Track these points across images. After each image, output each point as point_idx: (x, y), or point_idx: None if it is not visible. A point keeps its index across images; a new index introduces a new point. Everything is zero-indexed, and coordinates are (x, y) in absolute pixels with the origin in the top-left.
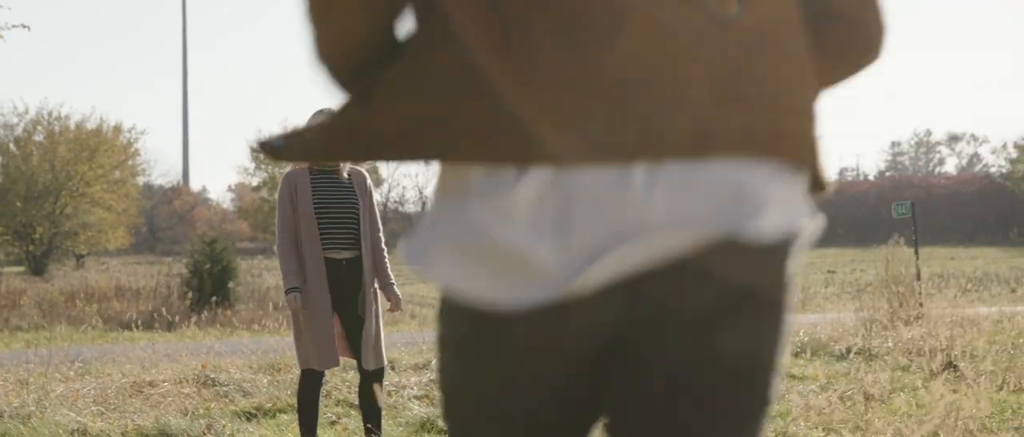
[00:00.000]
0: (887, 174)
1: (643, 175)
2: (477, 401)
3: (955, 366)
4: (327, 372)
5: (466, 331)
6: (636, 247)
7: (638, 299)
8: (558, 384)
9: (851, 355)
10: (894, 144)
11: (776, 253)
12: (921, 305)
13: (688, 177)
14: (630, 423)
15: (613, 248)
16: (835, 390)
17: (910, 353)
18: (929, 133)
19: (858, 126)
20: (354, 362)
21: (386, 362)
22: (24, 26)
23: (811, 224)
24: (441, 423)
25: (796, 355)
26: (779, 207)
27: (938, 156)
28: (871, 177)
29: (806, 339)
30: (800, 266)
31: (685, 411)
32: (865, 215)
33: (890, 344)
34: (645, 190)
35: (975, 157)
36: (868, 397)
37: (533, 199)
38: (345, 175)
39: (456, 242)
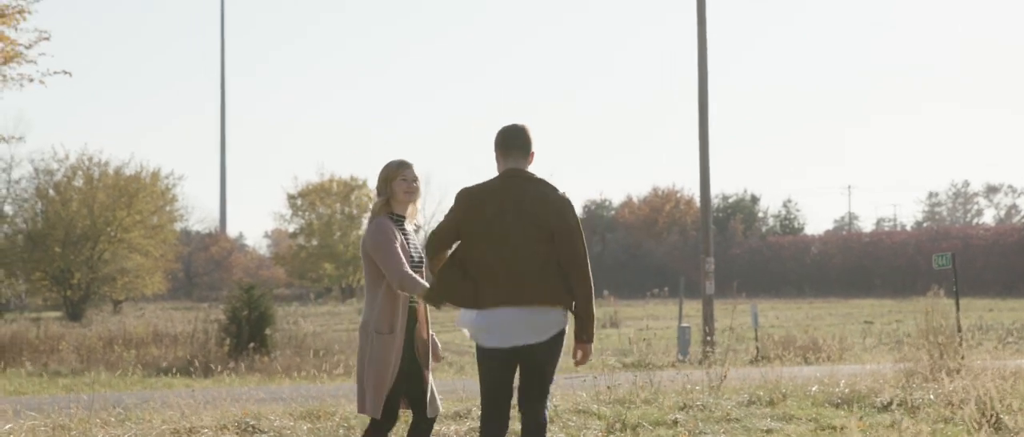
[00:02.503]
0: (924, 225)
1: (512, 310)
2: (485, 370)
3: (999, 419)
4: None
5: (483, 353)
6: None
7: (516, 350)
8: (503, 365)
9: (892, 407)
10: (931, 195)
11: (554, 337)
12: (962, 357)
13: (516, 311)
14: (521, 374)
15: (507, 340)
16: None
17: (952, 406)
18: (967, 184)
19: (896, 177)
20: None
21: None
22: (66, 72)
23: (563, 323)
24: None
25: (837, 406)
26: (547, 324)
27: (976, 207)
28: (908, 228)
29: (846, 390)
30: (566, 337)
31: (533, 375)
32: (902, 266)
33: (931, 396)
34: (507, 318)
35: (1014, 208)
36: None
37: (490, 316)
38: (413, 227)
39: (480, 325)
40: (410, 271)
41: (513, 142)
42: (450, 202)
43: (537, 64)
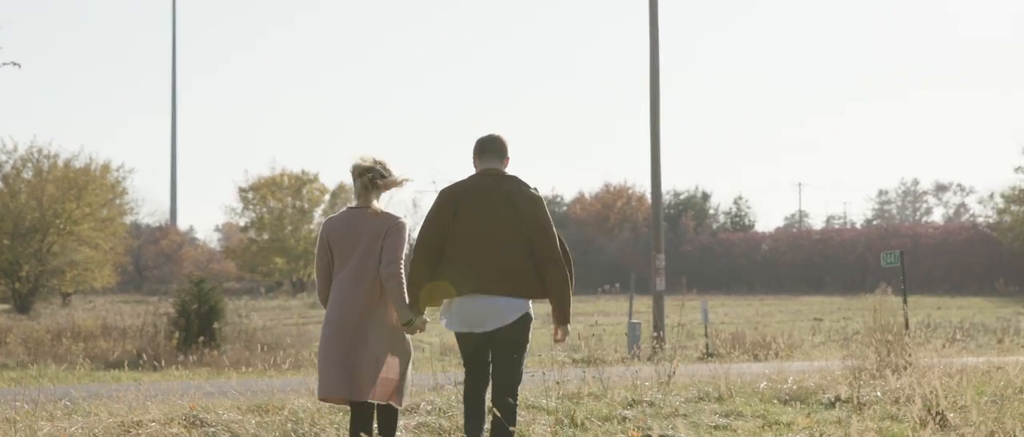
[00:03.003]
0: (874, 223)
1: (486, 298)
2: (463, 346)
3: (944, 417)
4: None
5: (463, 338)
6: (487, 326)
7: (487, 333)
8: (484, 346)
9: (839, 404)
10: (881, 193)
11: (518, 321)
12: (909, 354)
13: (490, 300)
14: (492, 358)
15: (481, 325)
16: None
17: (898, 403)
18: (916, 182)
19: (845, 174)
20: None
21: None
22: (15, 63)
23: (526, 309)
24: None
25: (785, 403)
26: (515, 309)
27: (925, 205)
28: (858, 225)
29: (794, 387)
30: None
31: (503, 354)
32: (852, 263)
33: (878, 393)
34: (481, 306)
35: (962, 207)
36: None
37: (464, 303)
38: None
39: (452, 313)
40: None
41: (490, 146)
42: (399, 198)
43: (490, 61)
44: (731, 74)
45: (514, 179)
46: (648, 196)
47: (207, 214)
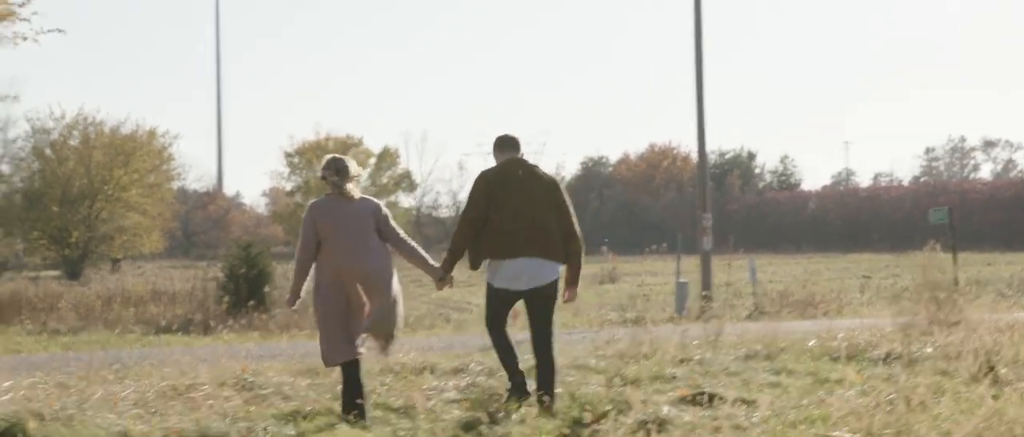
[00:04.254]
0: (922, 180)
1: (532, 260)
2: (494, 306)
3: (996, 371)
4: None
5: (495, 292)
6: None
7: (533, 290)
8: (513, 300)
9: (890, 361)
10: (928, 150)
11: (554, 281)
12: (960, 310)
13: (535, 261)
14: (529, 312)
15: (528, 282)
16: (875, 395)
17: (949, 358)
18: (964, 139)
19: (893, 131)
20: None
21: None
22: (60, 31)
23: (558, 270)
24: (481, 427)
25: (834, 360)
26: (552, 271)
27: (973, 162)
28: (905, 183)
29: (844, 344)
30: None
31: (538, 312)
32: (900, 220)
33: (929, 349)
34: (528, 266)
35: (1011, 163)
36: (909, 402)
37: (513, 264)
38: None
39: (500, 275)
40: None
41: (510, 142)
42: (444, 162)
43: (537, 24)
44: (776, 31)
45: (537, 166)
46: (694, 156)
47: (253, 179)
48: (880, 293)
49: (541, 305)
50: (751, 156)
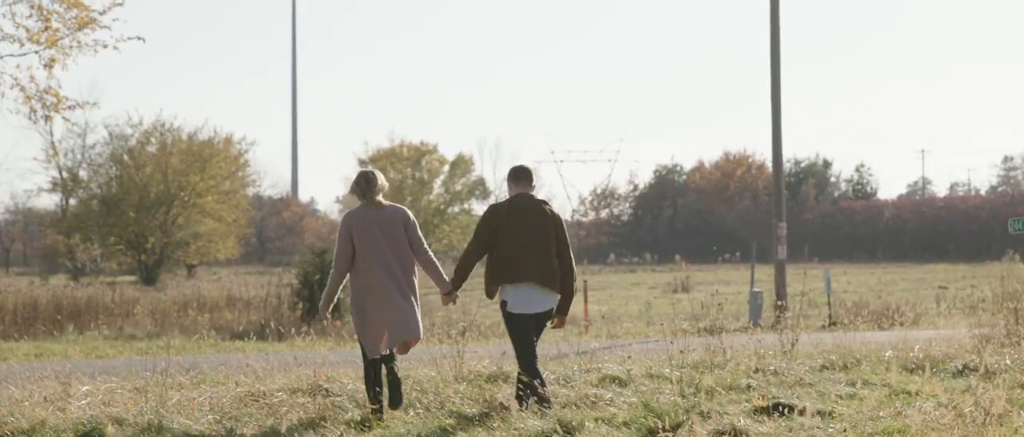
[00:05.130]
0: (999, 189)
1: (540, 289)
2: (518, 331)
3: None
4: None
5: (516, 316)
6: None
7: (536, 313)
8: (531, 322)
9: (967, 373)
10: (1006, 159)
11: (550, 310)
12: None
13: (543, 291)
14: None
15: (537, 307)
16: (954, 408)
17: None
18: None
19: (970, 141)
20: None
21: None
22: (139, 38)
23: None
24: (556, 436)
25: (911, 371)
26: (554, 298)
27: None
28: (983, 192)
29: (920, 356)
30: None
31: (541, 326)
32: (977, 231)
33: (1008, 361)
34: (533, 292)
35: None
36: (987, 414)
37: (526, 290)
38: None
39: (514, 300)
40: None
41: (524, 175)
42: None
43: (609, 31)
44: (852, 40)
45: (545, 202)
46: (768, 164)
47: (328, 185)
48: (957, 304)
49: (541, 324)
50: (827, 164)
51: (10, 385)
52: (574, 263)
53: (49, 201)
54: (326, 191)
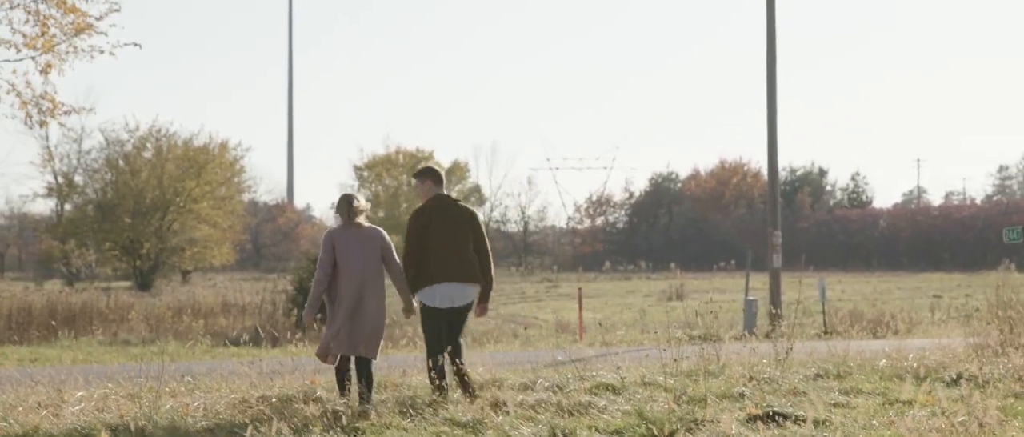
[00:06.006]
0: (995, 198)
1: (453, 285)
2: (430, 323)
3: None
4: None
5: (429, 311)
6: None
7: (456, 308)
8: (444, 317)
9: (962, 382)
10: (1002, 168)
11: (471, 302)
12: None
13: (456, 285)
14: (448, 325)
15: (449, 302)
16: (947, 417)
17: (1023, 381)
18: None
19: (966, 150)
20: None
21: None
22: (136, 45)
23: (476, 293)
24: None
25: (905, 380)
26: (472, 292)
27: None
28: (978, 201)
29: (914, 365)
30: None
31: (456, 323)
32: (972, 240)
33: (1002, 371)
34: (452, 288)
35: None
36: (982, 424)
37: (438, 288)
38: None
39: (429, 294)
40: None
41: (439, 178)
42: (513, 175)
43: (604, 37)
44: (848, 49)
45: (461, 201)
46: (764, 172)
47: (323, 192)
48: (951, 313)
49: (458, 320)
50: (822, 173)
51: (4, 390)
52: (490, 255)
53: (44, 206)
54: (321, 197)
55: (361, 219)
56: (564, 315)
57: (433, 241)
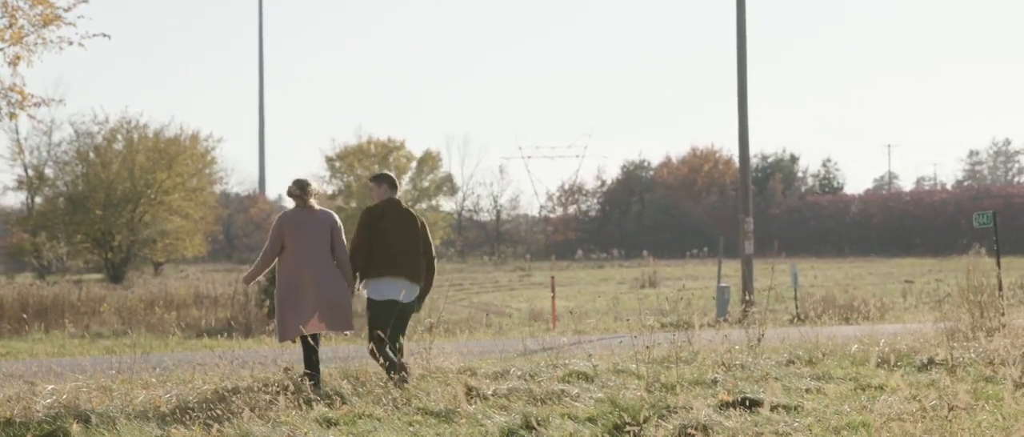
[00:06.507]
0: (965, 184)
1: (404, 281)
2: (383, 315)
3: None
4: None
5: (380, 304)
6: (398, 295)
7: (400, 303)
8: (392, 311)
9: (933, 366)
10: (972, 153)
11: (417, 298)
12: (1003, 316)
13: (407, 282)
14: (397, 320)
15: (398, 295)
16: (918, 401)
17: (993, 364)
18: (1008, 142)
19: (935, 135)
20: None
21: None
22: (105, 35)
23: (419, 289)
24: (522, 432)
25: (877, 365)
26: (416, 289)
27: (1017, 165)
28: (949, 187)
29: (886, 350)
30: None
31: (402, 317)
32: (943, 225)
33: (972, 355)
34: (399, 284)
35: None
36: (952, 408)
37: (393, 282)
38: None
39: (378, 286)
40: None
41: (393, 183)
42: (485, 165)
43: (575, 27)
44: (818, 35)
45: (409, 206)
46: (735, 159)
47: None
48: (923, 298)
49: (405, 315)
50: (793, 159)
51: None
52: (434, 258)
53: (15, 199)
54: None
55: (313, 202)
56: (537, 304)
57: (385, 237)
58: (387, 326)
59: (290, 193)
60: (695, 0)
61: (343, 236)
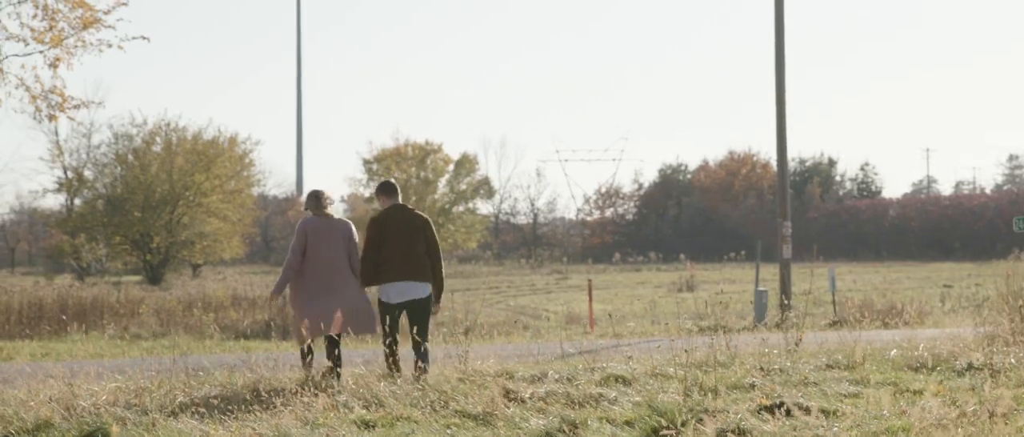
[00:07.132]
0: (1005, 188)
1: (406, 282)
2: (390, 315)
3: None
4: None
5: (386, 306)
6: (407, 298)
7: (406, 302)
8: (397, 311)
9: (972, 371)
10: (1012, 157)
11: (427, 296)
12: None
13: (409, 283)
14: (409, 318)
15: (404, 297)
16: (958, 406)
17: None
18: None
19: (976, 140)
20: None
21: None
22: (144, 38)
23: (429, 289)
24: (560, 435)
25: (916, 370)
26: (425, 289)
27: None
28: (988, 191)
29: (925, 354)
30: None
31: (416, 318)
32: (982, 229)
33: (1013, 360)
34: (405, 285)
35: None
36: (992, 413)
37: (394, 286)
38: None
39: (388, 291)
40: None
41: (393, 191)
42: (522, 168)
43: (614, 28)
44: (857, 38)
45: (415, 209)
46: (773, 163)
47: (333, 185)
48: (962, 303)
49: (417, 313)
50: (831, 163)
51: (16, 385)
52: (441, 257)
53: (54, 201)
54: (331, 190)
55: (330, 210)
56: (574, 307)
57: (388, 245)
58: (394, 330)
59: (307, 205)
60: (733, 2)
61: (358, 248)
